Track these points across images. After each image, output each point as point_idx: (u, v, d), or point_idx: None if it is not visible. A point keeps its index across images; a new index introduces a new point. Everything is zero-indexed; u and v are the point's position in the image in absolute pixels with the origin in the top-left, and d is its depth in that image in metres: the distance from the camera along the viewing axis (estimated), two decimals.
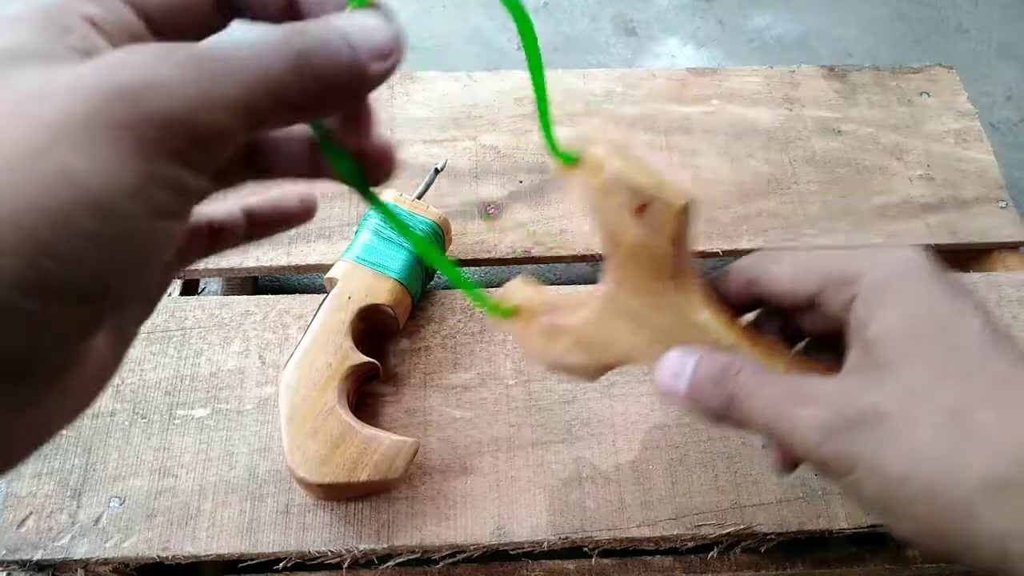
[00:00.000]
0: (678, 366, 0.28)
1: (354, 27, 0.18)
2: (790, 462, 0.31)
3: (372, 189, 0.24)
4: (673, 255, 0.28)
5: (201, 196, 0.17)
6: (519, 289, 0.31)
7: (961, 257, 0.55)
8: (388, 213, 0.25)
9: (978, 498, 0.22)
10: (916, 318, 0.25)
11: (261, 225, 0.26)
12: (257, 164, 0.23)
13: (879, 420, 0.23)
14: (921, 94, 0.61)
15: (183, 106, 0.16)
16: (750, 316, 0.31)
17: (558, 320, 0.30)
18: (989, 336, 0.24)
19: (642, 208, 0.27)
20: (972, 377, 0.23)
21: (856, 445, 0.23)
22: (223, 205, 0.25)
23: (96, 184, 0.15)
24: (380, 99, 0.57)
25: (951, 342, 0.24)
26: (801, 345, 0.31)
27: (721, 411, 0.27)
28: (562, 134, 0.27)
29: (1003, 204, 0.55)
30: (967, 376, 0.23)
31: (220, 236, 0.25)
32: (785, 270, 0.29)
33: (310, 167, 0.23)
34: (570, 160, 0.28)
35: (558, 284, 0.50)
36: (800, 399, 0.25)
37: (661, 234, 0.27)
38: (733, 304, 0.30)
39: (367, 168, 0.23)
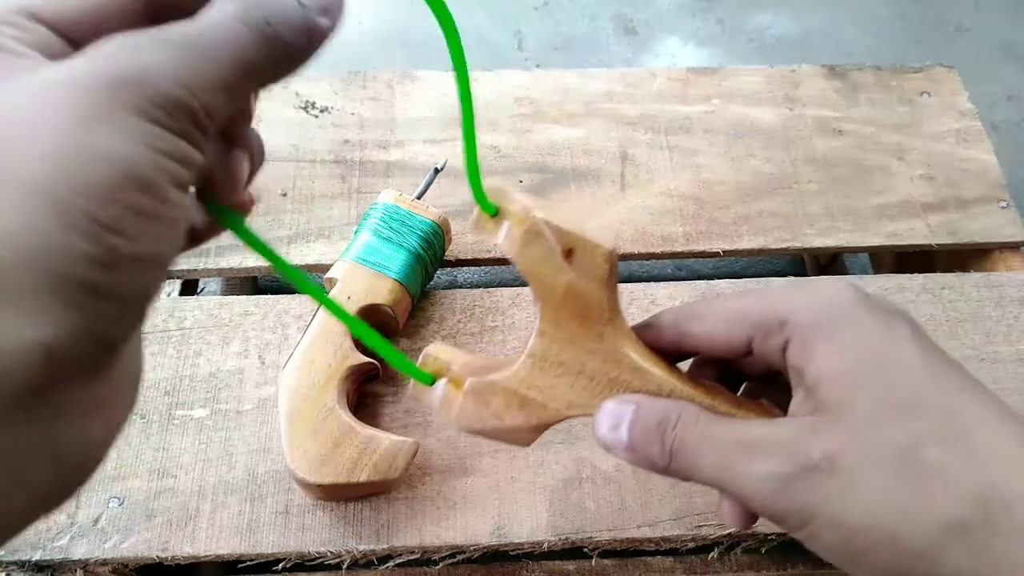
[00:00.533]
0: (615, 418, 0.27)
1: None
2: (745, 515, 0.28)
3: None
4: (606, 299, 0.27)
5: (198, 174, 0.18)
6: (439, 352, 0.30)
7: (962, 257, 0.55)
8: (274, 257, 0.24)
9: (941, 542, 0.21)
10: (852, 356, 0.24)
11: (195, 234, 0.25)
12: None
13: (831, 468, 0.22)
14: (922, 94, 0.61)
15: (180, 89, 0.17)
16: (683, 365, 0.30)
17: (489, 376, 0.28)
18: (930, 363, 0.24)
19: (570, 252, 0.26)
20: (917, 412, 0.23)
21: (810, 496, 0.23)
22: None
23: (133, 160, 0.16)
24: (381, 99, 0.57)
25: (891, 377, 0.23)
26: (744, 387, 0.31)
27: (664, 467, 0.26)
28: (560, 135, 0.27)
29: (1004, 204, 0.55)
30: (912, 411, 0.23)
31: None
32: (710, 326, 0.28)
33: None
34: (493, 210, 0.27)
35: None
36: (747, 450, 0.24)
37: (593, 277, 0.27)
38: (666, 355, 0.29)
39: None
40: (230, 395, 0.44)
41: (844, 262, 0.75)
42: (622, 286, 0.30)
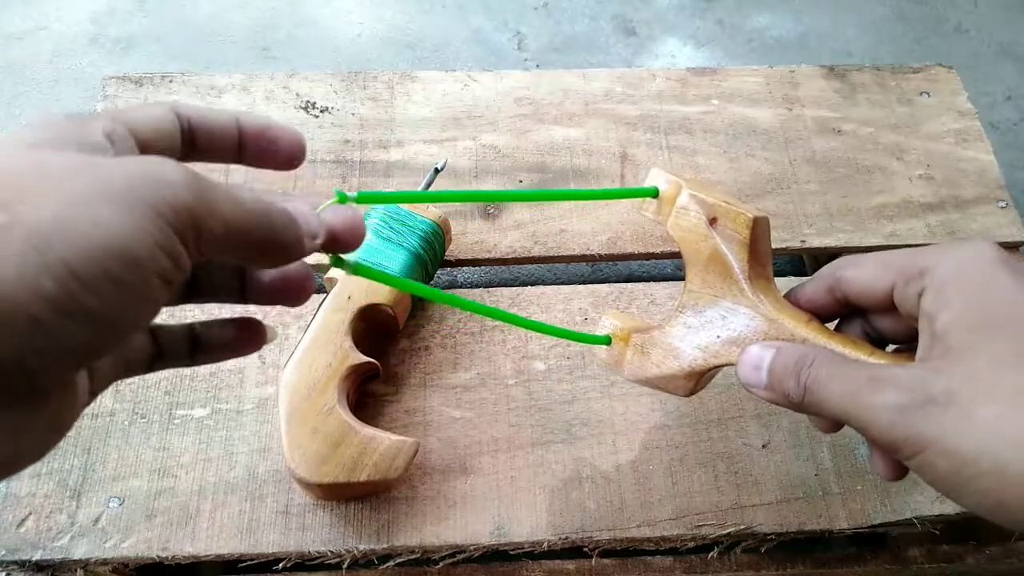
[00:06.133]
0: (757, 359, 0.30)
1: (301, 214, 0.24)
2: (894, 467, 0.30)
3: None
4: (747, 260, 0.30)
5: (182, 275, 0.21)
6: (612, 318, 0.35)
7: None
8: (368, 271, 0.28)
9: None
10: (982, 308, 0.26)
11: (204, 348, 0.29)
12: (197, 290, 0.28)
13: (948, 402, 0.25)
14: (921, 94, 0.61)
15: (194, 203, 0.20)
16: (830, 325, 0.33)
17: (650, 332, 0.33)
18: None
19: (714, 220, 0.30)
20: None
21: (926, 426, 0.25)
22: (169, 324, 0.28)
23: (124, 238, 0.19)
24: (381, 99, 0.57)
25: (1016, 330, 0.25)
26: (889, 349, 0.33)
27: (798, 400, 0.29)
28: (560, 135, 0.27)
29: (1003, 204, 0.55)
30: None
31: (163, 353, 0.28)
32: (860, 272, 0.31)
33: (240, 294, 0.28)
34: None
35: (558, 284, 0.49)
36: (872, 386, 0.26)
37: (733, 240, 0.30)
38: (816, 312, 0.32)
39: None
40: (230, 395, 0.44)
41: None
42: (622, 285, 0.31)
